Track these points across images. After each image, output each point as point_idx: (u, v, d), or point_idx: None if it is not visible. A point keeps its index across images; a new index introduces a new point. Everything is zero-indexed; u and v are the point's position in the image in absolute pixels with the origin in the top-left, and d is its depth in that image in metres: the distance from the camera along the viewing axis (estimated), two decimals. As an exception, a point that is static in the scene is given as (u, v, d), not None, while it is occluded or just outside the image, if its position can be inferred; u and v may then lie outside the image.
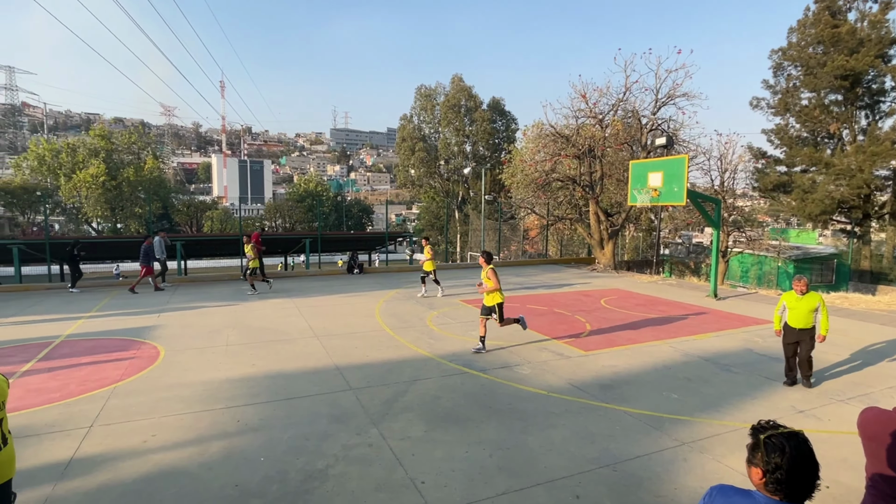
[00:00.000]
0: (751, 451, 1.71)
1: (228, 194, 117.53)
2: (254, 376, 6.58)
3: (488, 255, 8.30)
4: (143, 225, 40.06)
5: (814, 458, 1.61)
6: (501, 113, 44.49)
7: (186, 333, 8.78)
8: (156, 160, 45.49)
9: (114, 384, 6.23)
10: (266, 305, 11.47)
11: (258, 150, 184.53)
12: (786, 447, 1.60)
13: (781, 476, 1.59)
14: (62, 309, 10.92)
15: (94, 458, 4.41)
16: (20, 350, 7.70)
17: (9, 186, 41.06)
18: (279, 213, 52.73)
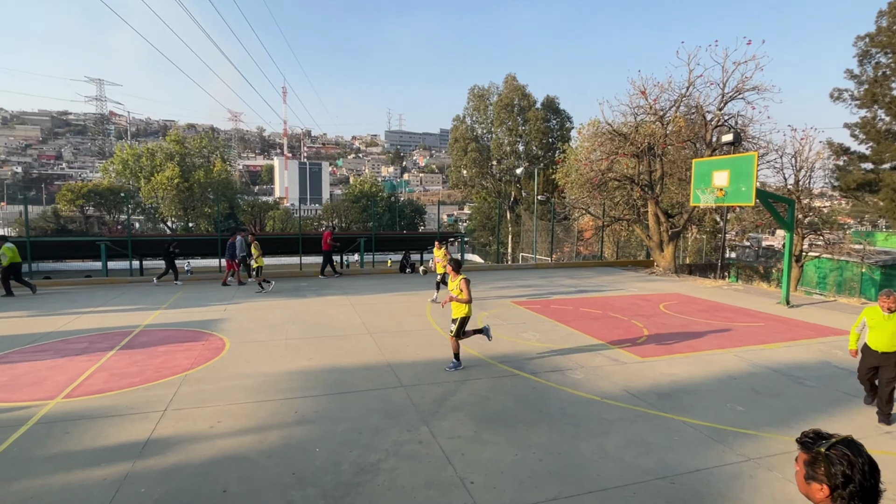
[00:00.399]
0: (809, 466, 1.58)
1: (289, 195, 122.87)
2: (310, 370, 6.85)
3: (456, 262, 7.11)
4: (211, 224, 42.71)
5: (875, 462, 1.54)
6: (556, 111, 43.69)
7: (249, 327, 9.28)
8: (223, 163, 48.38)
9: (185, 372, 6.70)
10: (323, 302, 11.90)
11: (317, 153, 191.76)
12: (851, 456, 1.50)
13: (855, 489, 1.49)
14: (141, 300, 11.86)
15: (167, 439, 4.76)
16: (106, 337, 8.44)
17: (98, 188, 45.08)
18: (335, 214, 54.55)
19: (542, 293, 13.46)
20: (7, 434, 4.83)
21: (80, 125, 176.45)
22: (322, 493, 3.89)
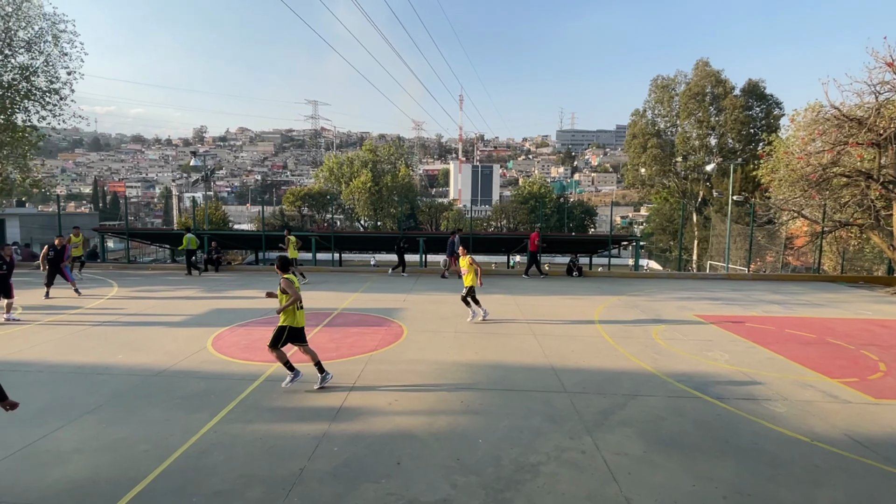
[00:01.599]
0: None
1: (462, 196, 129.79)
2: (476, 363, 7.16)
3: (284, 262, 6.17)
4: (395, 223, 47.68)
5: None
6: (760, 97, 37.36)
7: (424, 317, 10.10)
8: (407, 168, 53.57)
9: (370, 352, 7.63)
10: (489, 300, 12.29)
11: (488, 156, 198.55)
12: None
13: None
14: (340, 287, 13.87)
15: (355, 409, 5.50)
16: (312, 316, 10.11)
17: (311, 192, 54.18)
18: (504, 214, 55.77)
19: (734, 308, 11.70)
20: (246, 386, 6.15)
21: (300, 140, 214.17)
22: (482, 483, 4.04)
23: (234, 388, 6.07)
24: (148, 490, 3.88)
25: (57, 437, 4.75)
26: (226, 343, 8.06)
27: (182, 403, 5.59)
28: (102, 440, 4.70)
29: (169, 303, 11.49)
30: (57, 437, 4.75)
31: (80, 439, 4.71)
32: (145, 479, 4.01)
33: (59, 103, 19.35)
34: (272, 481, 4.03)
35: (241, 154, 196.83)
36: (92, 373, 6.57)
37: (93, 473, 4.12)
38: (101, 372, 6.58)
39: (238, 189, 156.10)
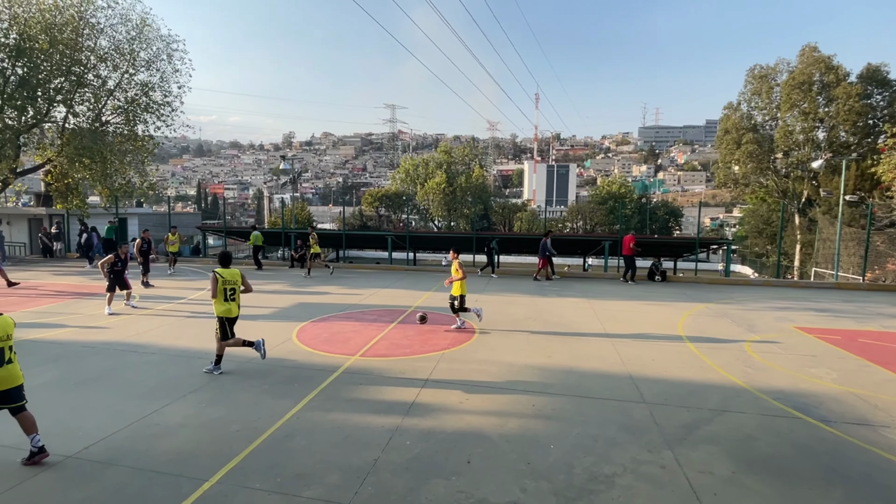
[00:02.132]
0: None
1: (536, 197, 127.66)
2: (549, 367, 7.01)
3: (222, 257, 6.97)
4: (468, 223, 47.96)
5: None
6: (882, 84, 32.92)
7: (496, 318, 10.07)
8: (481, 169, 53.68)
9: (442, 350, 7.74)
10: (564, 303, 11.99)
11: (565, 155, 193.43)
12: None
13: None
14: (414, 286, 14.21)
15: (427, 405, 5.61)
16: (389, 313, 10.46)
17: (387, 193, 56.05)
18: (580, 215, 54.04)
19: (845, 321, 10.46)
20: (326, 376, 6.50)
21: (378, 143, 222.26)
22: (554, 489, 3.95)
23: (316, 377, 6.44)
24: (239, 467, 4.23)
25: (165, 412, 5.32)
26: (308, 335, 8.57)
27: (269, 389, 6.03)
28: (202, 418, 5.19)
29: (258, 296, 12.43)
30: (165, 412, 5.32)
31: (184, 416, 5.24)
32: (237, 457, 4.38)
33: (170, 114, 21.66)
34: (348, 469, 4.23)
35: (325, 157, 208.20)
36: (194, 357, 7.28)
37: (194, 447, 4.56)
38: (201, 356, 7.27)
39: (321, 190, 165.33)
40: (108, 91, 20.32)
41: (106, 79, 20.20)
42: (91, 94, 20.01)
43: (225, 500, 3.75)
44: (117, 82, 20.38)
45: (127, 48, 19.99)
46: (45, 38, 17.63)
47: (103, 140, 19.98)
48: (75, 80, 19.18)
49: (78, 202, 21.16)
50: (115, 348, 7.65)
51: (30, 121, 19.31)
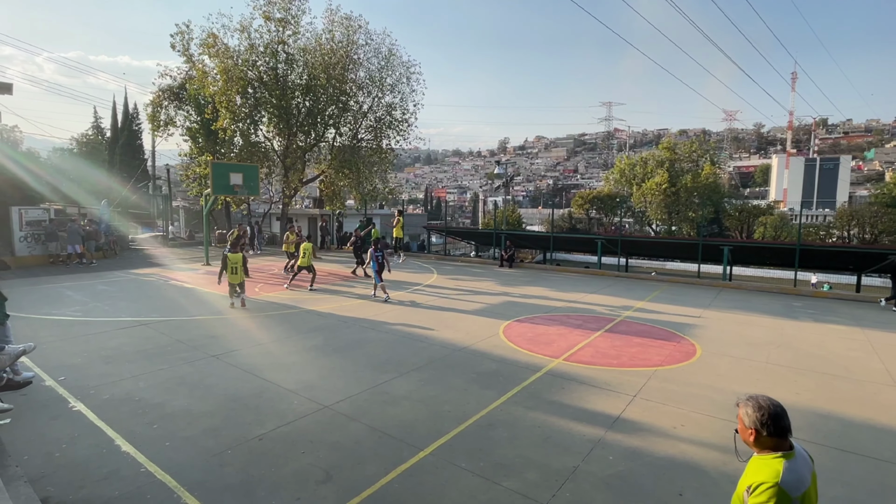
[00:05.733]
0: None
1: (788, 198, 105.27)
2: (796, 407, 5.72)
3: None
4: (693, 228, 42.45)
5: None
6: None
7: (724, 339, 8.70)
8: (712, 166, 46.85)
9: (655, 367, 7.07)
10: (824, 330, 9.62)
11: (833, 146, 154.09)
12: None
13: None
14: (625, 294, 13.32)
15: (634, 423, 5.21)
16: (595, 319, 10.05)
17: (599, 195, 53.74)
18: (855, 221, 42.22)
19: None
20: (529, 375, 6.63)
21: (592, 143, 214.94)
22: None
23: (519, 374, 6.63)
24: (448, 444, 4.66)
25: (393, 384, 6.22)
26: (514, 332, 8.87)
27: (477, 378, 6.46)
28: (420, 394, 5.89)
29: (472, 291, 13.42)
30: (393, 384, 6.22)
31: (407, 390, 6.03)
32: (447, 435, 4.83)
33: (407, 129, 25.14)
34: (547, 470, 4.24)
35: (537, 161, 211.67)
36: (416, 339, 8.30)
37: (413, 418, 5.22)
38: (422, 340, 8.25)
39: (532, 193, 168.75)
40: (362, 114, 24.75)
41: (362, 103, 24.64)
42: (351, 117, 24.71)
43: (435, 471, 4.19)
44: (370, 106, 24.65)
45: (377, 76, 24.00)
46: (324, 76, 22.46)
47: (358, 154, 24.47)
48: (342, 106, 23.92)
49: (339, 204, 26.38)
50: (360, 325, 9.28)
51: (311, 142, 24.88)
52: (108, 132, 37.94)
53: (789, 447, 2.13)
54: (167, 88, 24.69)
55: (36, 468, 4.08)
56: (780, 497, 1.97)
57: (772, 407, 2.12)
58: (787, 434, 2.12)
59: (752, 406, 2.15)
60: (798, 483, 2.03)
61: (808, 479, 2.09)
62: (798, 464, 2.09)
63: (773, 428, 2.09)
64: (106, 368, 6.58)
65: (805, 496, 2.03)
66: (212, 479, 3.99)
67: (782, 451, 2.11)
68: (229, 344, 7.83)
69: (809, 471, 2.13)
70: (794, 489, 2.00)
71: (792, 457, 2.10)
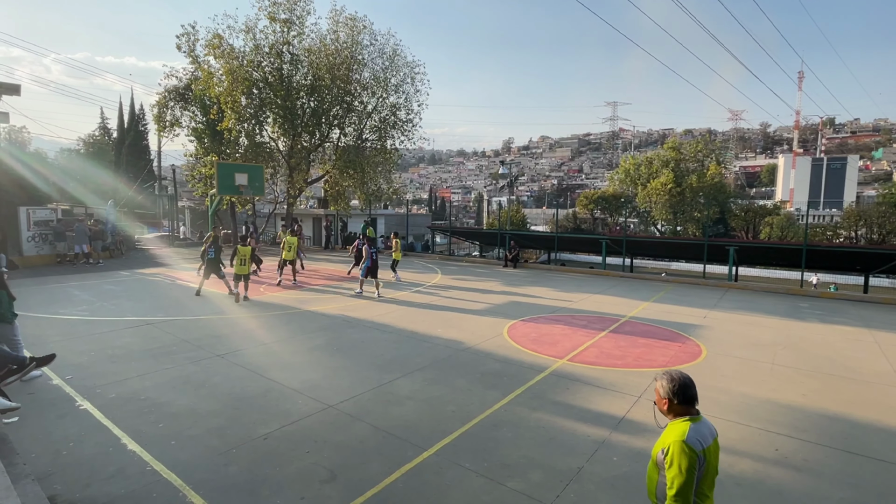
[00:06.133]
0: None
1: (794, 198, 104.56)
2: (803, 408, 5.69)
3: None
4: (699, 228, 42.26)
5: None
6: None
7: (730, 340, 8.65)
8: (718, 166, 46.61)
9: (660, 367, 7.03)
10: (830, 331, 9.55)
11: (840, 145, 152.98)
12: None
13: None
14: (629, 294, 13.28)
15: (638, 423, 5.19)
16: (600, 320, 10.02)
17: (604, 195, 53.57)
18: (863, 221, 41.88)
19: None
20: (533, 375, 6.62)
21: (597, 143, 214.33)
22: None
23: (523, 374, 6.62)
24: (452, 444, 4.66)
25: (397, 384, 6.23)
26: (518, 333, 8.86)
27: (481, 378, 6.46)
28: (425, 394, 5.90)
29: (476, 291, 13.41)
30: (397, 384, 6.23)
31: (411, 390, 6.03)
32: (451, 435, 4.83)
33: (411, 129, 25.15)
34: (551, 471, 4.23)
35: (541, 161, 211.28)
36: (421, 339, 8.30)
37: (417, 418, 5.22)
38: (426, 340, 8.25)
39: (536, 193, 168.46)
40: (367, 114, 24.78)
41: (366, 104, 24.67)
42: (356, 117, 24.73)
43: (440, 470, 4.19)
44: (374, 106, 24.68)
45: (382, 76, 24.02)
46: (328, 76, 22.51)
47: (363, 154, 24.50)
48: (346, 107, 23.96)
49: (344, 205, 26.43)
50: (364, 325, 9.29)
51: (316, 142, 24.94)
52: (114, 133, 38.22)
53: (696, 413, 2.45)
54: (173, 89, 24.82)
55: (43, 466, 4.12)
56: (686, 450, 2.27)
57: (681, 379, 2.44)
58: (694, 402, 2.45)
59: (666, 379, 2.46)
60: (700, 439, 2.33)
61: (710, 440, 2.38)
62: (701, 427, 2.40)
63: (682, 397, 2.42)
64: (112, 367, 6.62)
65: (707, 451, 2.33)
66: (217, 478, 4.01)
67: (689, 416, 2.42)
68: (234, 343, 7.87)
69: (712, 435, 2.43)
70: (697, 444, 2.30)
71: (697, 420, 2.42)
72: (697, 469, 2.28)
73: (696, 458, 2.27)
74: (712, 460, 2.37)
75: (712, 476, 2.38)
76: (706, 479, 2.34)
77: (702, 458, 2.29)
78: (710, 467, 2.36)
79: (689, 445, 2.28)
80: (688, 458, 2.26)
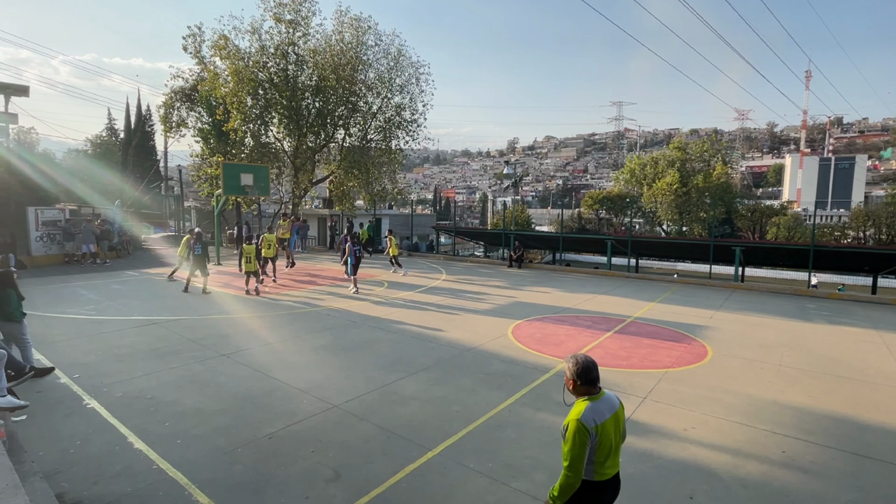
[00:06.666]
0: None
1: (801, 198, 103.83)
2: (809, 410, 5.65)
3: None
4: (704, 229, 42.03)
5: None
6: None
7: (736, 341, 8.60)
8: (724, 166, 46.34)
9: (665, 369, 7.01)
10: (837, 332, 9.47)
11: (848, 145, 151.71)
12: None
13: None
14: (634, 294, 13.23)
15: (643, 424, 5.17)
16: (605, 321, 9.99)
17: (609, 195, 53.40)
18: (871, 221, 41.53)
19: None
20: (538, 376, 6.61)
21: (602, 143, 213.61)
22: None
23: (527, 375, 6.61)
24: (457, 444, 4.66)
25: (401, 384, 6.23)
26: (523, 333, 8.85)
27: (485, 379, 6.46)
28: (429, 394, 5.90)
29: (480, 292, 13.40)
30: (401, 384, 6.23)
31: (415, 390, 6.04)
32: (456, 435, 4.83)
33: (416, 130, 25.17)
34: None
35: (546, 161, 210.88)
36: (425, 340, 8.31)
37: (421, 419, 5.22)
38: (431, 340, 8.25)
39: (541, 193, 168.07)
40: (372, 114, 24.82)
41: (371, 104, 24.71)
42: (361, 117, 24.77)
43: (444, 470, 4.19)
44: (379, 106, 24.71)
45: (387, 77, 24.06)
46: (333, 77, 22.56)
47: (368, 154, 24.53)
48: (351, 107, 24.00)
49: (348, 205, 26.48)
50: (369, 325, 9.31)
51: (321, 142, 25.00)
52: (121, 133, 38.51)
53: (597, 392, 2.70)
54: (179, 90, 24.96)
55: (51, 464, 4.15)
56: (579, 428, 2.54)
57: (584, 363, 2.69)
58: (596, 383, 2.70)
59: (572, 363, 2.71)
60: (594, 416, 2.60)
61: (606, 415, 2.64)
62: (600, 404, 2.66)
63: (584, 378, 2.67)
64: (119, 366, 6.67)
65: (601, 427, 2.60)
66: (222, 477, 4.03)
67: (590, 395, 2.67)
68: (239, 343, 7.90)
69: (610, 410, 2.69)
70: (590, 421, 2.57)
71: (597, 399, 2.68)
72: (589, 443, 2.56)
73: (588, 435, 2.55)
74: (608, 433, 2.63)
75: (607, 446, 2.64)
76: (601, 449, 2.62)
77: (594, 434, 2.57)
78: (605, 439, 2.62)
79: (583, 423, 2.56)
80: (580, 434, 2.54)
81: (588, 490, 2.68)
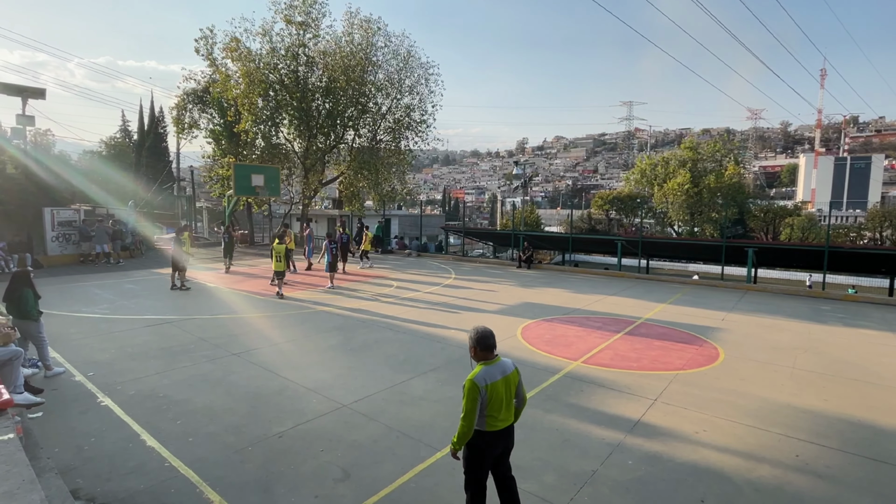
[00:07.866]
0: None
1: (815, 198, 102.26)
2: (824, 413, 5.56)
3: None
4: (716, 229, 41.58)
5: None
6: None
7: (749, 343, 8.49)
8: (737, 166, 45.80)
9: (676, 371, 6.94)
10: (854, 335, 9.31)
11: (865, 144, 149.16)
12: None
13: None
14: (645, 296, 13.12)
15: (654, 427, 5.12)
16: (615, 322, 9.92)
17: (619, 195, 53.02)
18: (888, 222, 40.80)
19: None
20: (547, 377, 6.58)
21: (612, 143, 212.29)
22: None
23: (537, 376, 6.59)
24: (466, 445, 4.65)
25: (410, 384, 6.24)
26: (532, 334, 8.81)
27: (494, 380, 6.43)
28: (438, 394, 5.90)
29: (489, 292, 13.37)
30: (410, 384, 6.24)
31: (424, 390, 6.04)
32: (464, 436, 4.82)
33: (425, 130, 25.21)
34: (565, 473, 4.20)
35: (555, 161, 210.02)
36: (434, 340, 8.31)
37: (430, 419, 5.23)
38: (440, 340, 8.25)
39: (550, 194, 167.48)
40: (381, 115, 24.91)
41: (381, 105, 24.80)
42: (370, 118, 24.87)
43: (452, 472, 4.19)
44: (388, 107, 24.79)
45: (396, 78, 24.13)
46: (343, 78, 22.68)
47: (377, 155, 24.62)
48: (361, 108, 24.11)
49: (358, 205, 26.60)
50: (378, 325, 9.33)
51: (331, 143, 25.14)
52: (135, 135, 39.03)
53: (493, 358, 3.17)
54: (191, 92, 25.25)
55: (66, 461, 4.22)
56: (472, 386, 3.06)
57: (482, 332, 3.17)
58: (492, 350, 3.18)
59: (473, 332, 3.18)
60: (486, 377, 3.09)
61: (497, 377, 3.12)
62: (493, 368, 3.15)
63: (482, 345, 3.15)
64: (132, 365, 6.76)
65: (491, 386, 3.08)
66: (233, 475, 4.07)
67: (487, 360, 3.16)
68: (250, 342, 7.97)
69: (502, 373, 3.16)
70: (482, 381, 3.07)
71: (491, 364, 3.17)
72: (480, 399, 3.05)
73: (479, 392, 3.04)
74: (499, 391, 3.10)
75: (498, 402, 3.10)
76: (492, 404, 3.08)
77: (483, 392, 3.05)
78: (496, 396, 3.08)
79: (475, 383, 3.06)
80: (472, 391, 3.04)
81: (481, 438, 3.15)
